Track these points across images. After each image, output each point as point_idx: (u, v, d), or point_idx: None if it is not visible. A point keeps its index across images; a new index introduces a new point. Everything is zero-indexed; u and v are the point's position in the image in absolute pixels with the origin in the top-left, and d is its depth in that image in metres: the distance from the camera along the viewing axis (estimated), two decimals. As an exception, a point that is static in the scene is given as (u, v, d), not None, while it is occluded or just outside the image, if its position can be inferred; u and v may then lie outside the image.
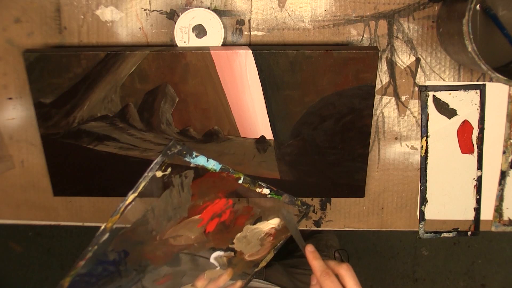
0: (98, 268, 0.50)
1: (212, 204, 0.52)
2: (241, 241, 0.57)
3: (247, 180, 0.51)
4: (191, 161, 0.47)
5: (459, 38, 0.50)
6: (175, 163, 0.46)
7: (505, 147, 0.65)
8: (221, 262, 0.58)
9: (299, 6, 0.60)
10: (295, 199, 0.56)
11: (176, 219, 0.51)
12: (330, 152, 0.63)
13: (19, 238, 1.56)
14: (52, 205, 0.69)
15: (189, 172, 0.48)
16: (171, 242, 0.53)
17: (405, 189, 0.67)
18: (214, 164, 0.48)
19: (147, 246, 0.52)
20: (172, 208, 0.50)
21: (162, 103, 0.60)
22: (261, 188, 0.52)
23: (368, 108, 0.60)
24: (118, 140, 0.62)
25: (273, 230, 0.57)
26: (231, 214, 0.54)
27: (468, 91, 0.63)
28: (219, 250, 0.57)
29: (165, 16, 0.60)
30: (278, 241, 0.59)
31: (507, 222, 0.69)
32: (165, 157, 0.45)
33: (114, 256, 0.50)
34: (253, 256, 0.59)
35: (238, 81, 0.59)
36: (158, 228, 0.51)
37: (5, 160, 0.66)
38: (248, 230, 0.56)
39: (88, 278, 0.50)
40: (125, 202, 0.46)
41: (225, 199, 0.52)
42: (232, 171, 0.49)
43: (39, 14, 0.60)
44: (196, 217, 0.52)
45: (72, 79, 0.59)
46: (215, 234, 0.55)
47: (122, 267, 0.52)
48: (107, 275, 0.51)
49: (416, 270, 1.57)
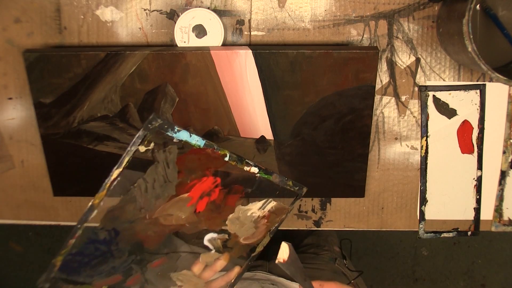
0: (90, 247, 0.50)
1: (199, 182, 0.52)
2: (234, 222, 0.56)
3: (233, 157, 0.50)
4: (173, 135, 0.46)
5: (459, 38, 0.50)
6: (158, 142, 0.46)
7: (505, 147, 0.65)
8: (216, 245, 0.57)
9: (299, 6, 0.60)
10: (285, 179, 0.54)
11: (165, 197, 0.51)
12: (330, 152, 0.63)
13: (19, 238, 1.56)
14: (52, 205, 0.69)
15: (173, 148, 0.48)
16: (161, 221, 0.53)
17: (405, 189, 0.67)
18: (198, 139, 0.47)
19: (137, 225, 0.52)
20: (159, 186, 0.50)
21: (162, 103, 0.60)
22: (249, 167, 0.51)
23: (368, 108, 0.60)
24: (118, 140, 0.62)
25: (266, 213, 0.57)
26: (220, 193, 0.53)
27: (468, 91, 0.63)
28: (213, 232, 0.56)
29: (165, 16, 0.60)
30: (273, 224, 0.58)
31: (507, 222, 0.69)
32: (146, 131, 0.45)
33: (104, 235, 0.50)
34: (249, 240, 0.58)
35: (238, 81, 0.59)
36: (146, 206, 0.50)
37: (5, 160, 0.66)
38: (241, 211, 0.56)
39: (80, 258, 0.50)
40: (110, 177, 0.46)
41: (212, 177, 0.52)
42: (217, 148, 0.48)
43: (39, 14, 0.60)
44: (185, 196, 0.52)
45: (72, 79, 0.59)
46: (207, 214, 0.54)
47: (113, 247, 0.51)
48: (100, 255, 0.51)
49: (416, 270, 1.57)
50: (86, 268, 0.51)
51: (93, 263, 0.51)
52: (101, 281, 0.53)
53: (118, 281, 0.54)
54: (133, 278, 0.55)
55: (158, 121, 0.45)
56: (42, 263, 1.56)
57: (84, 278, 0.52)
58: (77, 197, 0.68)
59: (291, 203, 0.58)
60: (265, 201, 0.56)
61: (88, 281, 0.52)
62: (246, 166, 0.51)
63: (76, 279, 0.51)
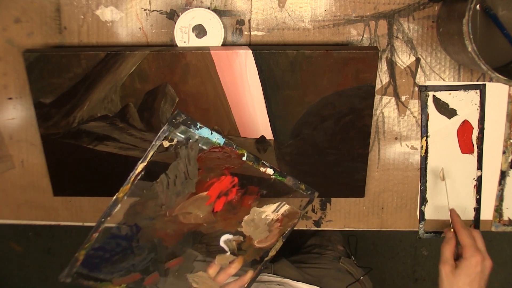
0: (111, 242, 0.50)
1: (218, 181, 0.53)
2: (249, 224, 0.57)
3: (251, 157, 0.51)
4: (195, 132, 0.47)
5: (459, 38, 0.50)
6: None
7: (505, 147, 0.65)
8: (231, 247, 0.58)
9: (299, 6, 0.60)
10: (299, 183, 0.56)
11: (185, 194, 0.52)
12: (330, 152, 0.63)
13: (19, 238, 1.56)
14: (52, 205, 0.69)
15: (195, 144, 0.49)
16: (180, 219, 0.54)
17: (405, 189, 0.67)
18: (218, 137, 0.49)
19: (157, 222, 0.52)
20: (180, 182, 0.51)
21: (162, 103, 0.60)
22: (265, 168, 0.52)
23: (368, 108, 0.60)
24: (118, 140, 0.62)
25: (280, 216, 0.58)
26: (237, 194, 0.54)
27: (468, 91, 0.63)
28: (228, 233, 0.57)
29: (165, 16, 0.60)
30: (285, 228, 0.59)
31: (507, 222, 0.69)
32: (171, 125, 0.46)
33: (126, 230, 0.51)
34: (262, 243, 0.59)
35: (238, 81, 0.59)
36: (167, 202, 0.51)
37: (5, 160, 0.66)
38: (255, 213, 0.57)
39: (102, 253, 0.50)
40: (135, 171, 0.47)
41: (230, 177, 0.53)
42: (236, 147, 0.50)
43: (39, 14, 0.60)
44: (204, 194, 0.53)
45: (72, 79, 0.59)
46: (223, 215, 0.55)
47: (134, 243, 0.52)
48: (120, 251, 0.52)
49: (416, 270, 1.57)
50: (107, 264, 0.52)
51: (114, 259, 0.52)
52: (120, 279, 0.54)
53: (137, 280, 0.55)
54: (151, 277, 0.56)
55: (182, 116, 0.46)
56: (42, 263, 1.56)
57: (104, 275, 0.52)
58: (77, 197, 0.68)
59: (303, 207, 0.58)
60: (279, 203, 0.57)
61: (108, 278, 0.53)
62: (262, 167, 0.52)
63: (97, 276, 0.52)
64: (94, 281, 0.52)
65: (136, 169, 0.47)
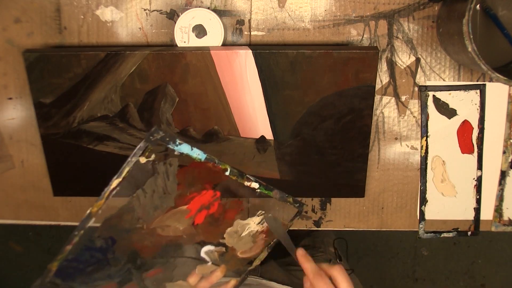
0: (85, 254, 0.49)
1: (199, 195, 0.51)
2: (232, 236, 0.56)
3: (234, 172, 0.50)
4: (174, 148, 0.46)
5: (459, 38, 0.50)
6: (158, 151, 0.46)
7: (505, 147, 0.65)
8: (213, 258, 0.57)
9: (299, 6, 0.60)
10: (286, 196, 0.54)
11: (163, 208, 0.51)
12: (330, 152, 0.63)
13: (19, 238, 1.56)
14: (52, 205, 0.69)
15: (174, 160, 0.47)
16: (159, 232, 0.53)
17: (405, 189, 0.67)
18: (199, 153, 0.47)
19: (134, 234, 0.51)
20: (158, 197, 0.50)
21: (162, 103, 0.60)
22: (250, 182, 0.51)
23: (368, 108, 0.60)
24: (118, 140, 0.62)
25: (264, 228, 0.57)
26: (219, 207, 0.53)
27: (468, 91, 0.63)
28: (210, 245, 0.56)
29: (165, 16, 0.60)
30: (271, 239, 0.58)
31: (507, 222, 0.69)
32: (148, 142, 0.45)
33: (101, 243, 0.50)
34: (246, 254, 0.58)
35: (238, 81, 0.59)
36: (144, 216, 0.50)
37: (5, 160, 0.66)
38: (239, 225, 0.56)
39: (76, 264, 0.50)
40: (110, 187, 0.45)
41: (212, 191, 0.52)
42: (218, 162, 0.48)
43: (39, 14, 0.60)
44: (184, 208, 0.52)
45: (72, 79, 0.59)
46: (205, 227, 0.54)
47: (110, 255, 0.51)
48: (95, 262, 0.51)
49: (416, 270, 1.57)
50: (82, 274, 0.51)
51: (89, 270, 0.51)
52: None
53: None
54: (127, 286, 0.55)
55: (160, 133, 0.45)
56: (42, 263, 1.56)
57: (79, 285, 0.52)
58: (77, 197, 0.68)
59: (290, 220, 0.58)
60: (264, 217, 0.56)
61: None
62: (246, 181, 0.51)
63: (71, 285, 0.51)
64: None
65: (111, 185, 0.45)
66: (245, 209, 0.55)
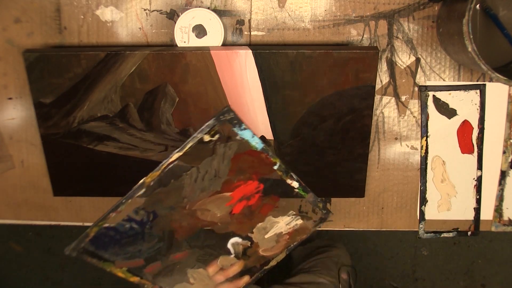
0: (125, 225, 0.50)
1: (244, 184, 0.52)
2: (260, 231, 0.57)
3: (282, 168, 0.51)
4: (238, 132, 0.47)
5: (459, 38, 0.50)
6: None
7: (505, 147, 0.65)
8: (237, 250, 0.58)
9: (299, 6, 0.60)
10: (318, 201, 0.56)
11: (209, 191, 0.52)
12: (330, 152, 0.63)
13: (19, 238, 1.56)
14: (52, 205, 0.69)
15: (234, 144, 0.48)
16: (198, 215, 0.54)
17: (405, 189, 0.67)
18: (258, 142, 0.48)
19: (175, 213, 0.52)
20: (208, 179, 0.50)
21: (162, 103, 0.60)
22: (292, 180, 0.52)
23: (368, 108, 0.60)
24: (118, 140, 0.62)
25: (291, 229, 0.58)
26: (258, 200, 0.54)
27: (468, 91, 0.63)
28: (238, 237, 0.57)
29: (165, 16, 0.60)
30: (292, 242, 0.60)
31: (507, 222, 0.69)
32: (217, 121, 0.46)
33: (142, 215, 0.51)
34: (267, 252, 0.60)
35: (238, 81, 0.59)
36: (190, 196, 0.51)
37: (5, 160, 0.66)
38: (269, 222, 0.57)
39: (113, 233, 0.50)
40: (169, 159, 0.46)
41: (257, 182, 0.53)
42: (271, 154, 0.50)
43: (39, 14, 0.60)
44: (227, 195, 0.53)
45: (72, 79, 0.59)
46: (239, 218, 0.55)
47: (147, 230, 0.52)
48: (132, 235, 0.52)
49: (416, 270, 1.57)
50: (115, 245, 0.52)
51: (123, 242, 0.52)
52: (123, 262, 0.54)
53: (139, 266, 0.55)
54: (153, 266, 0.56)
55: (230, 114, 0.46)
56: (42, 263, 1.56)
57: (109, 255, 0.52)
58: (77, 197, 0.68)
59: (314, 225, 0.59)
60: (294, 217, 0.57)
61: (112, 259, 0.53)
62: (289, 179, 0.52)
63: (102, 255, 0.52)
64: (98, 260, 0.52)
65: (171, 157, 0.46)
66: (280, 207, 0.56)
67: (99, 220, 0.48)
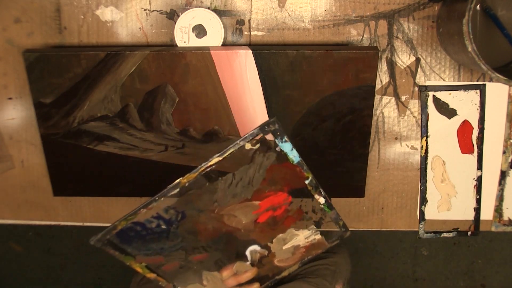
0: (153, 221, 0.50)
1: (275, 195, 0.53)
2: (279, 242, 0.58)
3: (313, 183, 0.51)
4: (279, 144, 0.47)
5: (459, 38, 0.50)
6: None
7: (505, 147, 0.65)
8: (254, 258, 0.58)
9: (299, 6, 0.60)
10: (339, 219, 0.56)
11: (240, 198, 0.52)
12: (330, 152, 0.63)
13: (19, 238, 1.56)
14: (52, 205, 0.69)
15: (272, 155, 0.49)
16: (224, 219, 0.54)
17: (405, 189, 0.67)
18: (295, 155, 0.48)
19: (203, 215, 0.52)
20: (241, 186, 0.51)
21: (162, 103, 0.60)
22: (319, 196, 0.53)
23: (368, 108, 0.60)
24: (118, 140, 0.62)
25: (308, 244, 0.58)
26: (284, 212, 0.55)
27: (468, 91, 0.63)
28: (257, 245, 0.57)
29: (165, 16, 0.60)
30: (307, 255, 0.60)
31: (507, 222, 0.69)
32: (261, 131, 0.46)
33: (172, 215, 0.51)
34: (282, 262, 0.60)
35: (238, 81, 0.59)
36: (221, 200, 0.51)
37: (5, 160, 0.66)
38: (289, 234, 0.57)
39: (140, 228, 0.50)
40: (208, 163, 0.46)
41: (286, 194, 0.53)
42: (305, 169, 0.50)
43: (39, 14, 0.60)
44: (256, 203, 0.53)
45: (72, 79, 0.59)
46: (263, 227, 0.55)
47: (173, 229, 0.52)
48: (158, 232, 0.52)
49: (416, 270, 1.57)
50: (140, 240, 0.52)
51: (148, 238, 0.52)
52: (144, 257, 0.54)
53: (158, 263, 0.55)
54: (171, 264, 0.56)
55: (276, 125, 0.46)
56: (42, 263, 1.56)
57: (132, 249, 0.52)
58: (77, 197, 0.68)
59: (331, 241, 0.59)
60: (313, 231, 0.58)
61: (134, 254, 0.53)
62: (317, 194, 0.53)
63: (125, 248, 0.52)
64: (120, 253, 0.52)
65: (210, 161, 0.46)
66: (303, 221, 0.57)
67: (129, 214, 0.48)
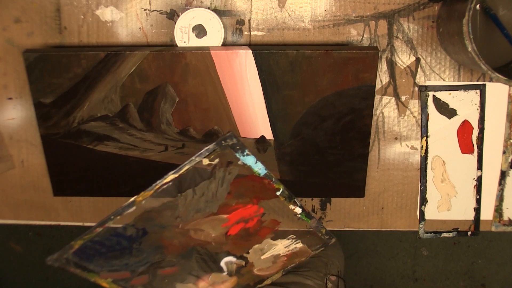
0: (113, 239, 0.49)
1: (243, 207, 0.51)
2: (256, 253, 0.57)
3: (285, 194, 0.50)
4: (240, 158, 0.46)
5: (459, 38, 0.50)
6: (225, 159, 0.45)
7: (505, 147, 0.65)
8: (230, 269, 0.58)
9: (299, 6, 0.60)
10: (321, 226, 0.55)
11: (205, 212, 0.51)
12: (330, 152, 0.63)
13: (19, 238, 1.56)
14: (52, 205, 0.69)
15: (234, 169, 0.47)
16: (191, 234, 0.53)
17: (405, 189, 0.67)
18: (261, 168, 0.47)
19: (167, 231, 0.51)
20: (204, 201, 0.49)
21: (162, 103, 0.60)
22: (295, 206, 0.51)
23: (368, 108, 0.60)
24: (118, 140, 0.62)
25: (289, 252, 0.57)
26: (257, 223, 0.53)
27: (468, 91, 0.63)
28: (232, 256, 0.57)
29: (165, 16, 0.60)
30: (290, 263, 0.59)
31: (507, 222, 0.69)
32: (218, 146, 0.44)
33: (132, 232, 0.50)
34: (262, 271, 0.59)
35: (238, 81, 0.59)
36: (184, 216, 0.50)
37: (5, 160, 0.66)
38: (267, 244, 0.56)
39: (99, 247, 0.49)
40: (163, 180, 0.45)
41: (257, 206, 0.52)
42: (274, 180, 0.48)
43: (39, 14, 0.60)
44: (224, 216, 0.52)
45: (72, 79, 0.59)
46: (235, 239, 0.54)
47: (135, 246, 0.51)
48: (119, 249, 0.51)
49: (416, 270, 1.57)
50: (100, 258, 0.51)
51: (109, 255, 0.51)
52: (108, 273, 0.53)
53: (125, 278, 0.54)
54: (140, 279, 0.55)
55: (233, 140, 0.44)
56: (42, 263, 1.56)
57: (93, 267, 0.51)
58: (77, 197, 0.68)
59: (315, 249, 0.58)
60: (293, 241, 0.57)
61: (97, 271, 0.52)
62: (292, 205, 0.51)
63: (86, 265, 0.51)
64: (82, 270, 0.51)
65: (165, 179, 0.45)
66: (280, 230, 0.55)
67: (85, 233, 0.47)
